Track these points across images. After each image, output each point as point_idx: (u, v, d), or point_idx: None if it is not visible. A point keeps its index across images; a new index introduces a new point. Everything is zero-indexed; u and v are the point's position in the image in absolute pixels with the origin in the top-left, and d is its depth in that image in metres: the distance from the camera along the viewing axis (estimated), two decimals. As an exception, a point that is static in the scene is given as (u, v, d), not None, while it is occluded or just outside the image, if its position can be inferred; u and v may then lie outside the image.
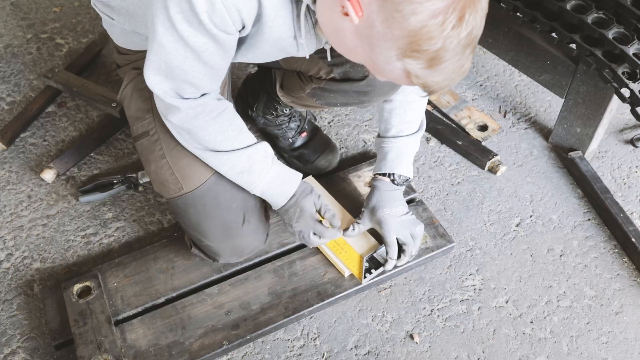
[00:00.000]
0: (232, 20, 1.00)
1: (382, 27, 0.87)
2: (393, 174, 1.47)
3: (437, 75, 0.91)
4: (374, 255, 1.49)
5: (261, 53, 1.14)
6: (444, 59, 0.88)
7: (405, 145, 1.47)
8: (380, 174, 1.49)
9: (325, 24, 0.98)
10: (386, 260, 1.47)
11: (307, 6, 1.03)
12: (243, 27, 1.04)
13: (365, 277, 1.45)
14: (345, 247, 1.49)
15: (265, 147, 1.29)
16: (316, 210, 1.37)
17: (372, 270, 1.46)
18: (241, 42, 1.11)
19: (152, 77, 1.13)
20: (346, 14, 0.90)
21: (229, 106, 1.25)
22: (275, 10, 1.02)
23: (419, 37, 0.85)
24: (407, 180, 1.49)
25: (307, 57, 1.16)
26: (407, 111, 1.45)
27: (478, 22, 0.87)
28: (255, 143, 1.27)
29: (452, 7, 0.83)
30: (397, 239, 1.45)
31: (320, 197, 1.39)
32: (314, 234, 1.37)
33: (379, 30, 0.88)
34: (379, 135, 1.52)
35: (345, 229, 1.50)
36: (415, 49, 0.87)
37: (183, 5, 0.97)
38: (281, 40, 1.10)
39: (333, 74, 1.36)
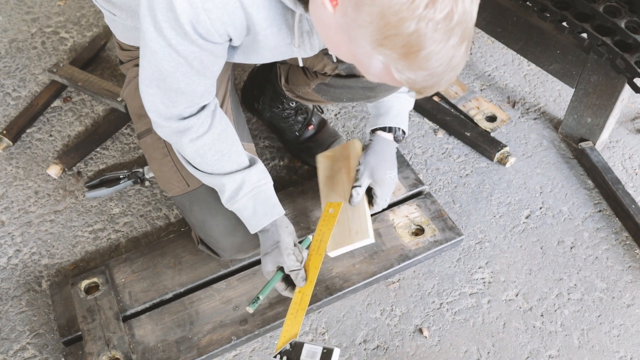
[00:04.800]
0: (217, 33, 0.97)
1: (353, 13, 0.81)
2: (398, 128, 1.44)
3: (419, 69, 0.82)
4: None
5: (262, 58, 1.12)
6: (420, 46, 0.78)
7: (405, 103, 1.45)
8: (381, 129, 1.44)
9: (314, 21, 0.95)
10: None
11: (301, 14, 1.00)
12: (231, 40, 1.02)
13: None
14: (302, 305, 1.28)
15: (245, 176, 1.21)
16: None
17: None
18: (239, 47, 1.08)
19: (146, 89, 1.10)
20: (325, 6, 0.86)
21: (218, 128, 1.18)
22: (267, 20, 0.99)
23: (388, 19, 0.77)
24: (404, 137, 1.48)
25: (300, 64, 1.14)
26: None
27: (459, 5, 0.77)
28: (231, 173, 1.20)
29: None
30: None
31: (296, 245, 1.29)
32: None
33: (351, 17, 0.82)
34: None
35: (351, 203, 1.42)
36: (386, 34, 0.79)
37: (168, 14, 0.94)
38: (279, 47, 1.07)
39: (338, 70, 1.34)
